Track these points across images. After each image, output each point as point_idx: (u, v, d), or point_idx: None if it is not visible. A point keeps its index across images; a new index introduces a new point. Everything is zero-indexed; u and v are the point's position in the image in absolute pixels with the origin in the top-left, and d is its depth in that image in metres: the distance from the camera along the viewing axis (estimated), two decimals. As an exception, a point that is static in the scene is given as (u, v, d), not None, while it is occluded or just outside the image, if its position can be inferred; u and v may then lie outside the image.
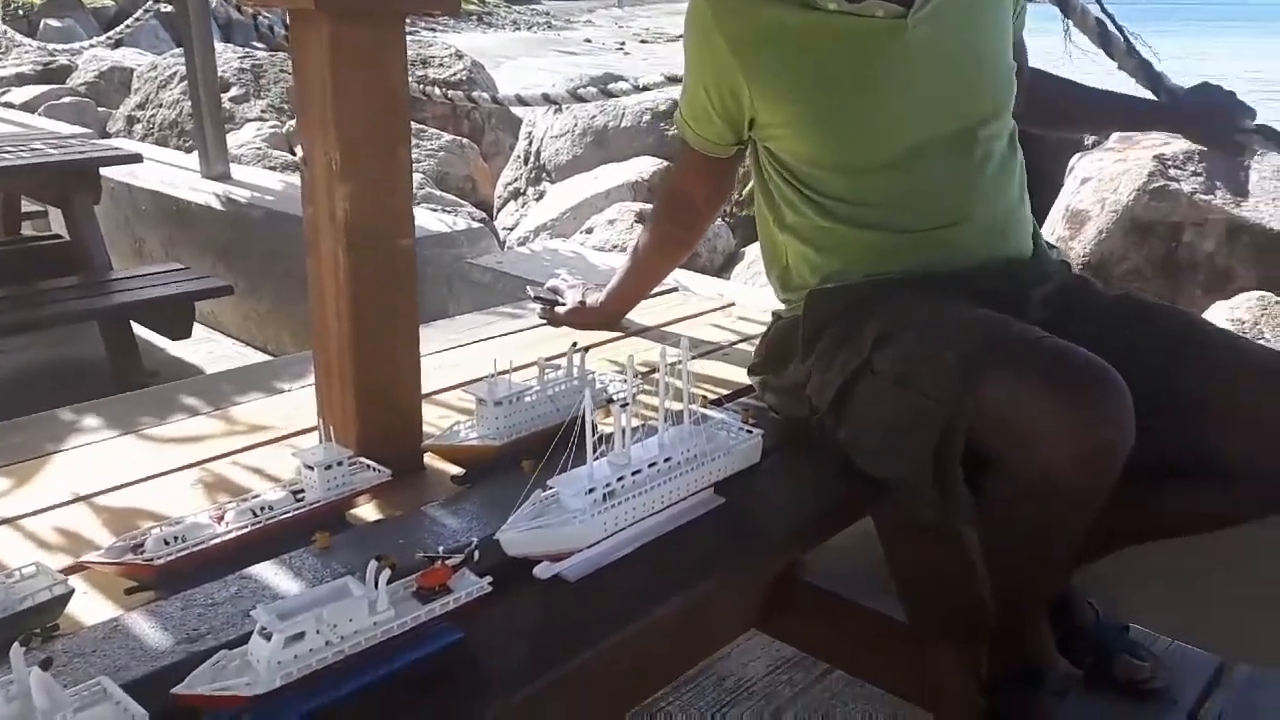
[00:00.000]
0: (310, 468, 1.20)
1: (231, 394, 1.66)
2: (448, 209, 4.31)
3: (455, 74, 6.22)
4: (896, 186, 1.42)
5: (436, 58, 6.43)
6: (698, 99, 1.52)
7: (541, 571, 1.12)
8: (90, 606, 1.06)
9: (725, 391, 1.69)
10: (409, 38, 1.47)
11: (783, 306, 1.59)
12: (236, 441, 1.47)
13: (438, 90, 3.75)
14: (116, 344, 3.56)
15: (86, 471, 1.37)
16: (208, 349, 3.90)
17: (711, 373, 1.78)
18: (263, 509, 1.16)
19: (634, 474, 1.17)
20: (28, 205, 4.25)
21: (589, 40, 22.42)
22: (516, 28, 24.87)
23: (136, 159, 4.13)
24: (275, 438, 1.48)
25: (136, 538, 1.09)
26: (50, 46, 7.40)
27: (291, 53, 1.31)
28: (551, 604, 1.10)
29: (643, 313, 2.04)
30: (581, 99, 3.49)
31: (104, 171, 4.56)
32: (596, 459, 1.15)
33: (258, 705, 0.87)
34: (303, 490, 1.21)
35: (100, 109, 7.30)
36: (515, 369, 1.36)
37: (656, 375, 1.22)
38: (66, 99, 7.40)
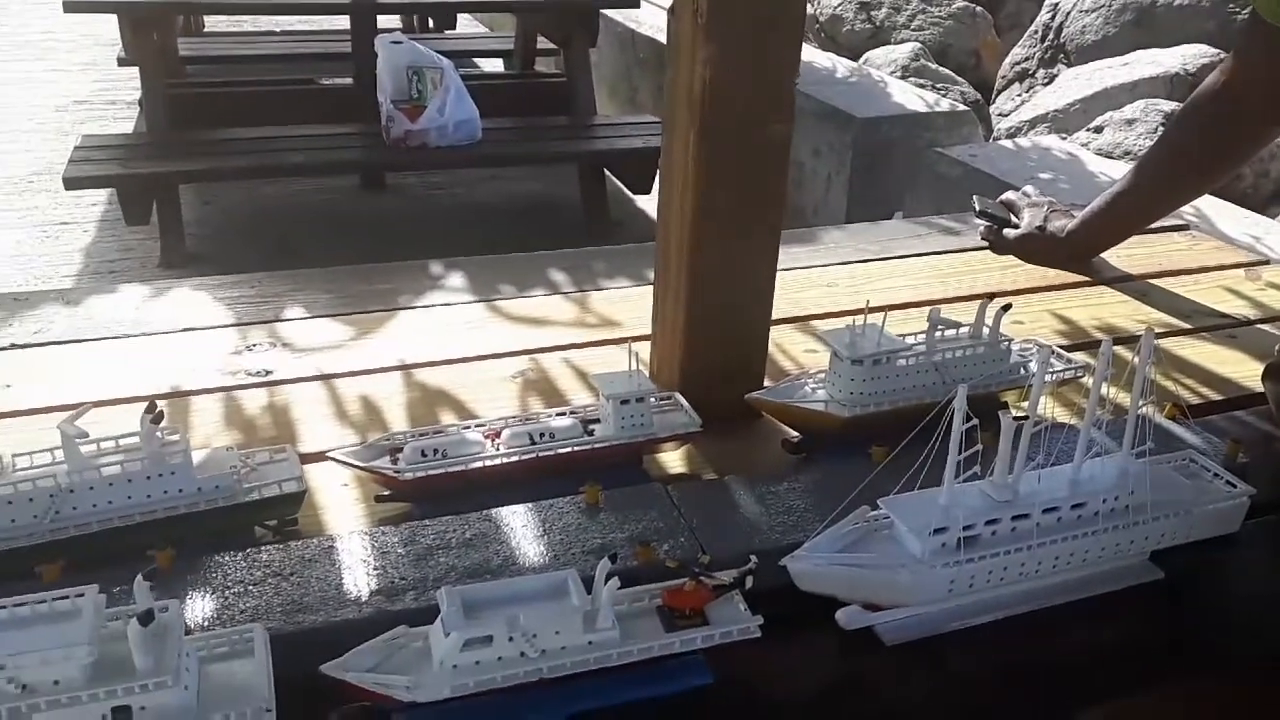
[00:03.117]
0: (607, 399, 0.97)
1: (600, 274, 1.49)
2: (938, 86, 3.81)
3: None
4: None
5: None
6: None
7: (847, 619, 0.80)
8: (341, 502, 0.95)
9: (1216, 396, 1.18)
10: None
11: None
12: (577, 334, 1.29)
13: (949, -55, 3.22)
14: (590, 188, 3.67)
15: (423, 337, 1.27)
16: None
17: (1202, 361, 1.26)
18: (543, 435, 0.96)
19: (1016, 519, 0.79)
20: (543, 44, 4.46)
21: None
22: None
23: (634, 4, 4.13)
24: (619, 337, 1.28)
25: (398, 439, 0.95)
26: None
27: None
28: (851, 670, 0.79)
29: (1125, 254, 1.53)
30: (1125, -37, 2.79)
31: (615, 16, 4.69)
32: (963, 482, 0.79)
33: (415, 714, 0.68)
34: (597, 421, 0.99)
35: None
36: (900, 308, 1.01)
37: (1102, 356, 0.81)
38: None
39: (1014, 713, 0.76)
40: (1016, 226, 1.52)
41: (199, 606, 0.77)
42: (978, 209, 1.56)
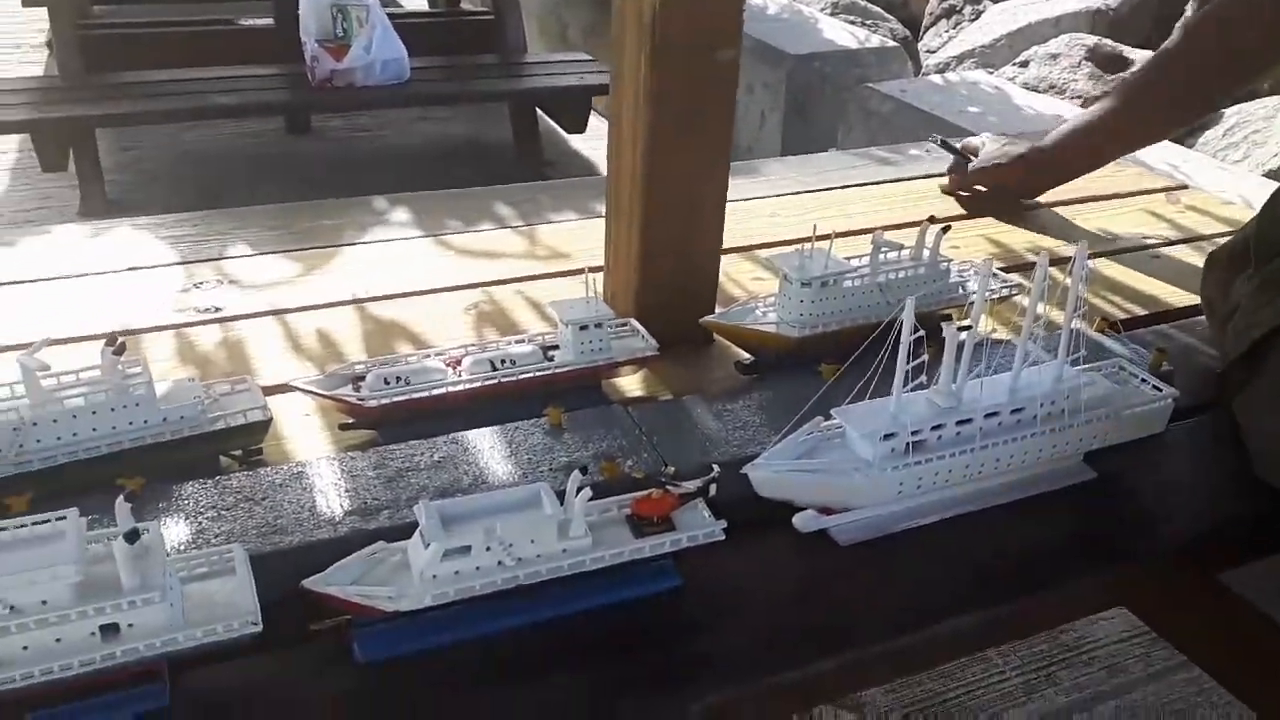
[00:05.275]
0: (565, 324, 0.99)
1: (547, 208, 1.50)
2: (867, 22, 3.84)
3: None
4: None
5: None
6: None
7: (803, 523, 0.84)
8: (304, 432, 0.96)
9: (1142, 312, 1.24)
10: None
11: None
12: (528, 267, 1.31)
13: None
14: (522, 128, 3.63)
15: (374, 272, 1.27)
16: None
17: (1128, 281, 1.32)
18: (504, 362, 0.98)
19: (960, 423, 0.84)
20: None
21: None
22: None
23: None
24: (570, 269, 1.30)
25: (360, 369, 0.96)
26: None
27: None
28: (808, 570, 0.83)
29: (1054, 182, 1.58)
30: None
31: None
32: (910, 391, 0.83)
33: (396, 624, 0.71)
34: (556, 348, 1.01)
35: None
36: (843, 236, 1.04)
37: (1040, 268, 0.85)
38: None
39: (959, 605, 0.81)
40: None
41: (173, 532, 0.77)
42: (939, 141, 1.58)
